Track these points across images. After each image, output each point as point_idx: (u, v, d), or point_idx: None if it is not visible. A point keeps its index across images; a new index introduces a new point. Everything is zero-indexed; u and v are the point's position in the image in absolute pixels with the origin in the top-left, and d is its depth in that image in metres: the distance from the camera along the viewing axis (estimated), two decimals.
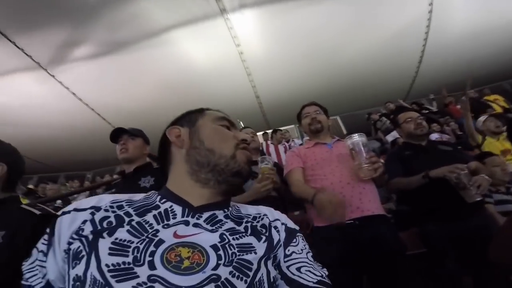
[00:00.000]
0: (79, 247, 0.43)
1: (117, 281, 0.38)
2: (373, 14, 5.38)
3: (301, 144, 4.41)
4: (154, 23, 4.84)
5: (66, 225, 0.46)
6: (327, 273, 0.51)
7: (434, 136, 4.59)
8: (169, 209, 0.50)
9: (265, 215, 0.58)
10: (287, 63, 6.19)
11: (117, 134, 1.56)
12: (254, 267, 0.44)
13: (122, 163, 1.58)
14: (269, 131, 7.04)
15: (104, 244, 0.42)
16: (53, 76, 5.36)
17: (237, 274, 0.42)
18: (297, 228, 0.59)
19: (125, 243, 0.42)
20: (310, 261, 0.52)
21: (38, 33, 4.64)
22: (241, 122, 6.21)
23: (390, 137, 5.13)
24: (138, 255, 0.41)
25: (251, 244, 0.48)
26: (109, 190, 1.58)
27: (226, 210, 0.55)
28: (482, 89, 6.44)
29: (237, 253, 0.45)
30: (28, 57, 4.89)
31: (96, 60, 5.25)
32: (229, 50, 5.52)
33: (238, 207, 0.60)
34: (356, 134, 1.36)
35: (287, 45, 5.73)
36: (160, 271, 0.39)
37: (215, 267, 0.42)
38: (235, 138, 0.60)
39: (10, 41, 4.55)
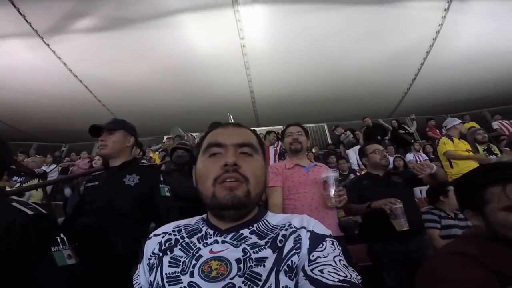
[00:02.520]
0: (153, 261, 0.61)
1: (169, 285, 0.53)
2: (381, 29, 5.48)
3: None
4: (164, 4, 4.82)
5: (149, 247, 0.65)
6: (358, 276, 0.49)
7: (409, 157, 4.88)
8: (207, 232, 0.62)
9: (290, 224, 0.60)
10: (286, 64, 6.23)
11: (96, 130, 1.52)
12: (263, 278, 0.50)
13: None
14: (258, 129, 7.23)
15: (166, 259, 0.58)
16: (47, 44, 5.33)
17: (248, 283, 0.49)
18: (327, 233, 0.58)
19: (178, 258, 0.57)
20: (336, 264, 0.50)
21: (44, 2, 4.64)
22: (230, 116, 6.32)
23: (351, 152, 5.44)
24: (185, 267, 0.54)
25: (266, 257, 0.53)
26: (92, 182, 1.53)
27: (251, 227, 0.61)
28: (463, 115, 6.73)
29: (253, 266, 0.52)
30: (27, 24, 4.86)
31: (97, 34, 5.20)
32: (232, 41, 5.53)
33: (267, 220, 0.64)
34: (331, 170, 1.63)
35: (290, 46, 5.78)
36: (196, 279, 0.51)
37: (233, 277, 0.50)
38: (217, 171, 0.59)
39: (15, 6, 4.56)
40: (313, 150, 5.46)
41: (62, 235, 1.00)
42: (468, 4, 5.05)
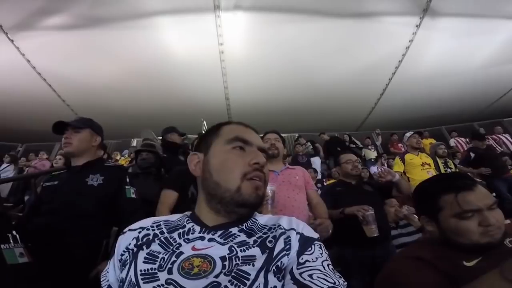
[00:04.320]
0: (126, 257, 0.56)
1: (144, 283, 0.49)
2: (354, 43, 5.63)
3: None
4: (141, 4, 4.68)
5: (122, 242, 0.59)
6: (344, 282, 0.50)
7: (373, 169, 5.16)
8: (191, 228, 0.59)
9: (279, 225, 0.59)
10: (263, 74, 6.28)
11: (60, 127, 1.46)
12: (252, 277, 0.48)
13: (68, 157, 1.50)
14: None
15: (141, 254, 0.54)
16: (11, 40, 5.07)
17: (235, 282, 0.47)
18: (315, 236, 0.58)
19: (155, 253, 0.53)
20: (325, 269, 0.50)
21: None
22: (204, 122, 6.28)
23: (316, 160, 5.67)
24: (163, 263, 0.51)
25: (254, 256, 0.51)
26: (50, 182, 1.46)
27: (240, 225, 0.59)
28: (423, 131, 7.11)
29: (240, 264, 0.50)
30: None
31: (66, 32, 4.96)
32: (211, 46, 5.46)
33: (256, 219, 0.63)
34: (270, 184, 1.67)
35: (268, 56, 5.83)
36: (175, 275, 0.48)
37: (217, 275, 0.48)
38: (244, 166, 0.59)
39: None
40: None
41: (14, 232, 0.95)
42: (438, 21, 5.23)
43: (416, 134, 3.41)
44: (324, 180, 4.98)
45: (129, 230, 0.61)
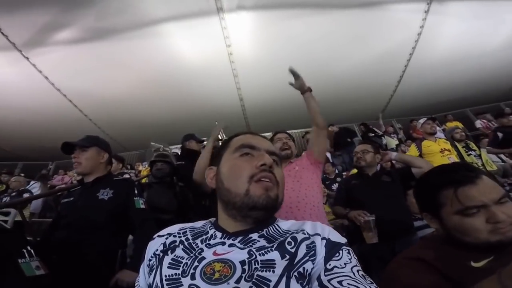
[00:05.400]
0: (154, 262, 0.59)
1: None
2: (365, 33, 5.51)
3: None
4: (146, 13, 4.75)
5: (151, 248, 0.63)
6: None
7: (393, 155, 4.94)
8: (213, 234, 0.61)
9: (302, 230, 0.58)
10: (275, 70, 6.12)
11: (69, 147, 1.56)
12: (272, 284, 0.47)
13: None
14: None
15: (167, 259, 0.56)
16: (27, 58, 5.15)
17: None
18: (343, 241, 0.56)
19: (179, 259, 0.55)
20: (355, 275, 0.49)
21: (21, 14, 4.45)
22: (216, 123, 6.33)
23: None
24: (186, 268, 0.53)
25: (274, 260, 0.51)
26: (67, 198, 1.58)
27: (261, 231, 0.59)
28: (446, 114, 6.93)
29: (259, 268, 0.50)
30: (4, 37, 4.69)
31: (78, 46, 5.04)
32: (219, 49, 5.46)
33: (278, 224, 0.62)
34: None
35: (277, 52, 5.76)
36: (198, 281, 0.50)
37: (238, 280, 0.48)
38: (252, 169, 0.60)
39: None
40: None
41: (29, 248, 1.02)
42: (447, 5, 5.10)
43: (429, 120, 3.29)
44: (343, 174, 4.84)
45: (158, 236, 0.65)
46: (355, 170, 3.48)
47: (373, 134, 6.24)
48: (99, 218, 1.41)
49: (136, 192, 1.55)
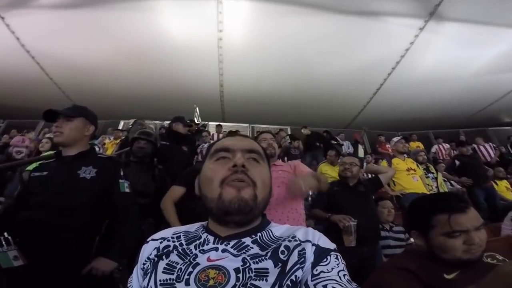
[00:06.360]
0: (148, 266, 0.58)
1: None
2: (355, 40, 5.59)
3: None
4: None
5: (145, 251, 0.62)
6: None
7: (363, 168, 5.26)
8: (206, 239, 0.60)
9: (294, 237, 0.58)
10: (260, 64, 6.21)
11: (52, 115, 1.38)
12: None
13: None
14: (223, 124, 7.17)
15: (161, 265, 0.56)
16: (2, 18, 5.00)
17: None
18: (332, 247, 0.57)
19: (174, 264, 0.55)
20: (341, 279, 0.50)
21: None
22: (197, 109, 6.18)
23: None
24: (180, 273, 0.53)
25: (267, 269, 0.51)
26: (40, 171, 1.38)
27: (254, 235, 0.59)
28: (411, 134, 7.39)
29: (253, 277, 0.50)
30: None
31: (59, 11, 4.84)
32: (210, 32, 5.36)
33: (271, 230, 0.62)
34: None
35: (267, 47, 5.76)
36: (192, 287, 0.50)
37: None
38: (224, 171, 0.59)
39: None
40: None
41: (6, 234, 0.89)
42: (443, 26, 5.19)
43: (403, 139, 3.51)
44: None
45: (152, 240, 0.64)
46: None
47: (335, 142, 6.57)
48: (80, 199, 1.26)
49: (122, 174, 1.43)
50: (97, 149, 4.76)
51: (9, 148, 4.75)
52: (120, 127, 6.97)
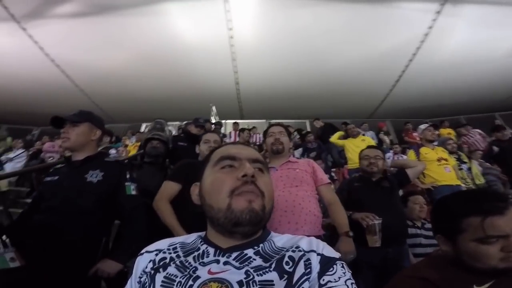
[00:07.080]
0: (145, 279, 0.56)
1: None
2: (370, 28, 5.40)
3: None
4: None
5: (140, 263, 0.60)
6: None
7: (387, 156, 4.97)
8: (205, 250, 0.58)
9: (298, 247, 0.57)
10: (274, 59, 6.15)
11: (59, 122, 1.42)
12: None
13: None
14: (241, 121, 7.15)
15: (159, 278, 0.54)
16: (24, 29, 5.25)
17: None
18: (337, 256, 0.56)
19: (172, 277, 0.53)
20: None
21: None
22: (213, 108, 6.22)
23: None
24: (180, 287, 0.50)
25: (272, 281, 0.50)
26: (51, 176, 1.42)
27: (256, 247, 0.57)
28: (443, 120, 6.82)
29: None
30: (4, 9, 4.84)
31: (77, 19, 5.08)
32: (220, 32, 5.40)
33: (273, 240, 0.61)
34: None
35: (279, 41, 5.68)
36: None
37: None
38: (233, 181, 0.57)
39: None
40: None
41: (4, 237, 0.91)
42: (460, 8, 4.96)
43: (431, 126, 3.20)
44: (332, 171, 4.84)
45: (146, 252, 0.62)
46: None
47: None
48: (86, 202, 1.29)
49: (128, 176, 1.44)
50: (113, 152, 4.96)
51: (41, 153, 5.10)
52: (142, 129, 7.20)
